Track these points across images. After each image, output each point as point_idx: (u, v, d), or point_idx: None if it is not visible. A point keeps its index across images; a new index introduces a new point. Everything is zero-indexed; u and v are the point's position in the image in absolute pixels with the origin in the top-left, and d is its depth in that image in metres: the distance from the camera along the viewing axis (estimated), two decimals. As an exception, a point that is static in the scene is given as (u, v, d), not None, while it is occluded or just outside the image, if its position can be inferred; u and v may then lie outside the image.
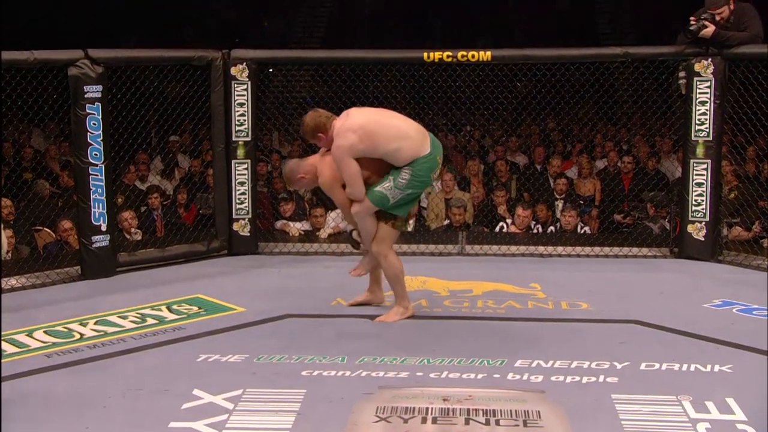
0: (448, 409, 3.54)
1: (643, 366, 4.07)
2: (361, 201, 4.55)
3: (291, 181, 4.85)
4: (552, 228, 7.58)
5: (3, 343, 4.44)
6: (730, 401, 3.61)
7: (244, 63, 6.49)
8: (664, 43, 6.64)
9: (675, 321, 4.79)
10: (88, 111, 5.79)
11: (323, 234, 7.22)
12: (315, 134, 4.63)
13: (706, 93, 6.22)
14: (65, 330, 4.72)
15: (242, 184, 6.60)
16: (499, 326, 4.80)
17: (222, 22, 17.43)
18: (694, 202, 6.34)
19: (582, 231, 7.45)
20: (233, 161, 6.56)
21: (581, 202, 8.18)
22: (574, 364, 4.09)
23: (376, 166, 4.55)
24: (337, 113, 4.68)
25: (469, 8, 16.81)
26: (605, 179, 8.58)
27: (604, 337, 4.56)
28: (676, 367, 4.06)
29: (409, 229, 7.63)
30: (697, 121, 6.26)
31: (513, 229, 7.45)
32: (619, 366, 4.06)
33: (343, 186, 4.58)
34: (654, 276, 6.02)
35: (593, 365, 4.07)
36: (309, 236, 7.27)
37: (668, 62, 6.50)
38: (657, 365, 4.08)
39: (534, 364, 4.08)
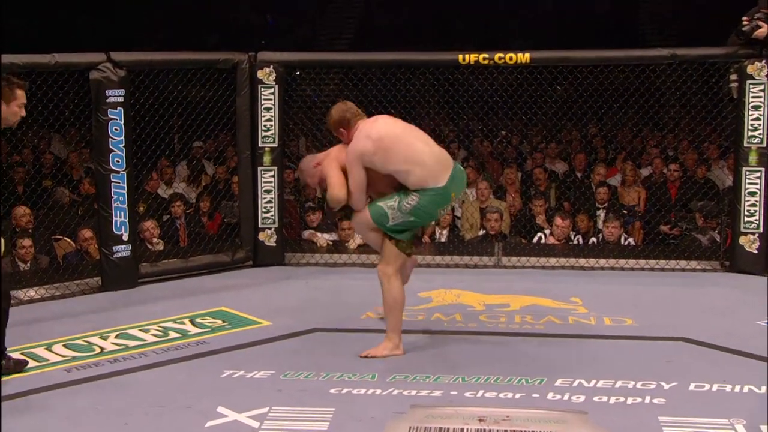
0: (485, 430, 3.51)
1: (692, 386, 4.02)
2: (360, 211, 4.49)
3: (306, 173, 4.73)
4: (594, 239, 7.52)
5: (21, 356, 4.48)
6: (787, 425, 3.55)
7: (271, 66, 6.53)
8: (713, 45, 6.57)
9: (726, 339, 4.73)
10: (109, 116, 5.85)
11: (352, 244, 7.23)
12: (337, 128, 4.59)
13: (760, 97, 6.15)
14: (85, 343, 4.76)
15: (268, 192, 6.63)
16: (538, 343, 4.76)
17: (248, 24, 17.56)
18: (746, 213, 6.26)
19: (626, 242, 7.38)
20: (259, 168, 6.60)
21: (625, 211, 8.11)
22: (619, 383, 4.04)
23: (391, 182, 4.48)
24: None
25: (504, 11, 16.76)
26: (650, 188, 8.50)
27: (651, 356, 4.51)
28: (728, 388, 4.00)
29: (443, 239, 7.61)
30: (750, 127, 6.18)
31: (551, 240, 7.40)
32: (666, 386, 4.01)
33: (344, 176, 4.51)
34: (703, 291, 5.95)
35: (639, 385, 4.02)
36: (337, 247, 7.28)
37: (718, 64, 6.43)
38: (707, 386, 4.02)
39: (575, 384, 4.05)
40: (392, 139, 4.39)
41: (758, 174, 6.20)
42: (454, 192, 4.44)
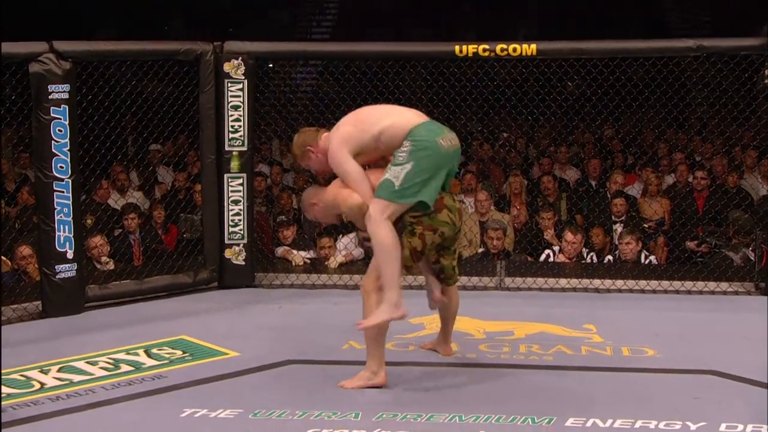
0: (485, 477, 3.52)
1: (723, 427, 4.02)
2: (371, 201, 4.44)
3: (305, 207, 4.94)
4: (609, 257, 7.53)
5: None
6: (831, 471, 3.57)
7: (240, 58, 6.54)
8: (746, 34, 6.62)
9: (761, 372, 4.72)
10: (52, 115, 5.83)
11: (333, 263, 7.22)
12: (303, 150, 4.69)
13: (799, 94, 6.20)
14: (23, 379, 4.72)
15: (236, 202, 6.62)
16: (546, 377, 4.76)
17: (214, 9, 17.59)
18: (784, 227, 6.29)
19: (647, 261, 7.40)
20: (226, 175, 6.59)
21: (645, 225, 8.14)
22: (638, 423, 4.04)
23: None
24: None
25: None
26: (675, 198, 8.55)
27: (675, 391, 4.52)
28: (765, 429, 4.00)
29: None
30: (788, 129, 6.23)
31: (562, 258, 7.42)
32: (693, 426, 4.02)
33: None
34: (735, 317, 5.97)
35: (662, 425, 4.03)
36: (316, 266, 7.27)
37: (752, 57, 6.47)
38: (740, 426, 4.02)
39: (589, 424, 4.05)
40: (363, 109, 4.69)
41: (798, 182, 6.25)
42: (444, 129, 4.52)
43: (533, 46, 6.40)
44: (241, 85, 6.56)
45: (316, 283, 6.77)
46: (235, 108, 6.56)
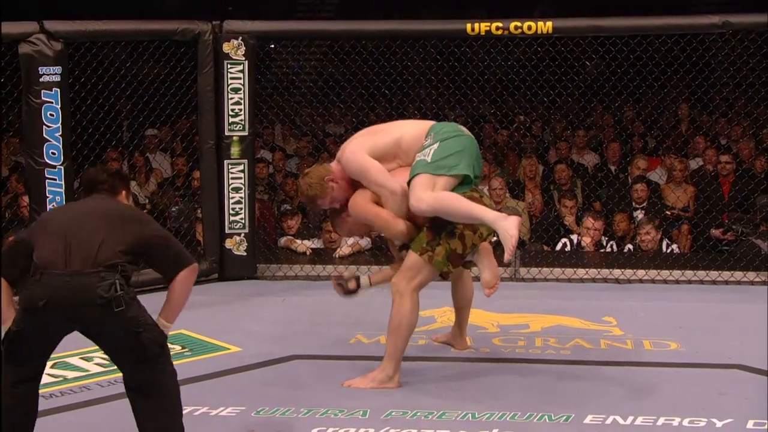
0: (500, 477, 3.52)
1: (750, 424, 4.02)
2: (397, 193, 4.45)
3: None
4: (630, 246, 7.52)
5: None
6: None
7: (240, 38, 6.53)
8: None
9: (791, 366, 4.73)
10: (44, 98, 5.84)
11: (339, 253, 7.22)
12: (322, 183, 4.57)
13: (830, 73, 6.17)
14: (14, 374, 4.74)
15: (237, 190, 6.62)
16: (564, 371, 4.77)
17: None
18: (814, 214, 6.27)
19: (669, 250, 7.39)
20: (226, 161, 6.60)
21: (668, 212, 8.12)
22: (661, 420, 4.05)
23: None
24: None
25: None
26: (699, 183, 8.52)
27: (700, 387, 4.52)
28: (794, 425, 4.01)
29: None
30: (818, 110, 6.21)
31: (586, 241, 7.36)
32: (719, 424, 4.02)
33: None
34: (763, 308, 5.93)
35: (686, 422, 4.03)
36: (321, 256, 7.27)
37: (780, 34, 6.44)
38: (768, 423, 4.03)
39: (609, 421, 4.05)
40: (373, 126, 4.82)
41: (829, 166, 6.23)
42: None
43: (549, 23, 6.38)
44: (241, 67, 6.55)
45: (321, 274, 6.77)
46: (236, 91, 6.56)
